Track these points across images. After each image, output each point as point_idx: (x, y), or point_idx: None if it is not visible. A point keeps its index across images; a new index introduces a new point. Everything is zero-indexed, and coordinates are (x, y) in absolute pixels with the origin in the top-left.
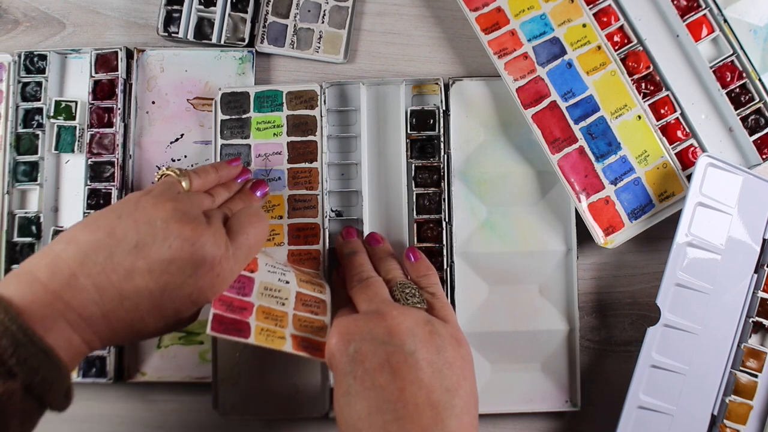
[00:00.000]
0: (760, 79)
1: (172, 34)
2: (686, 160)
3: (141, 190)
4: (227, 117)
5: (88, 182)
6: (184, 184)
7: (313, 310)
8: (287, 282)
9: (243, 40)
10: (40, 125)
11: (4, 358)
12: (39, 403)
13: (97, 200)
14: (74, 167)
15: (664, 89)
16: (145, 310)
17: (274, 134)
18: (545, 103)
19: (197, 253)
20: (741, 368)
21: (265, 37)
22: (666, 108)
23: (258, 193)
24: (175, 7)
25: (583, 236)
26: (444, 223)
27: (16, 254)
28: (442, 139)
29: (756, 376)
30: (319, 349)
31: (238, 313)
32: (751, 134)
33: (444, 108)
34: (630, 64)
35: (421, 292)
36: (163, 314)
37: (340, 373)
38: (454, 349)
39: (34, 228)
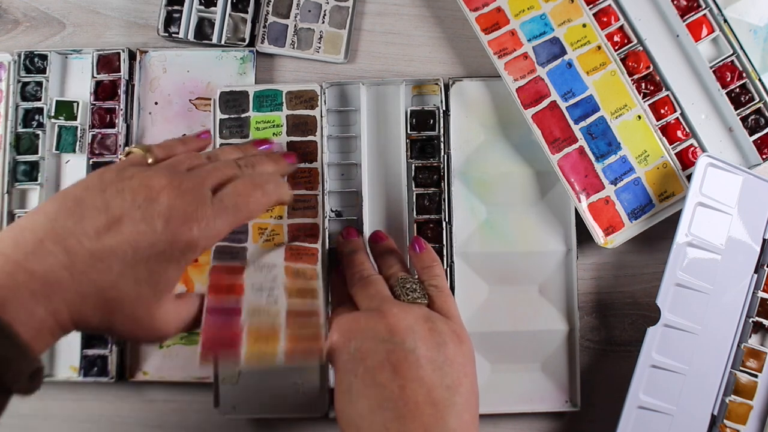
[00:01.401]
0: (760, 79)
1: (173, 35)
2: (686, 160)
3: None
4: (226, 116)
5: None
6: (149, 159)
7: (305, 320)
8: (276, 301)
9: (243, 40)
10: (41, 125)
11: None
12: None
13: None
14: (75, 167)
15: (664, 89)
16: (117, 271)
17: (274, 134)
18: (545, 103)
19: (165, 208)
20: (741, 368)
21: (265, 37)
22: (666, 108)
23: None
24: (176, 7)
25: (583, 236)
26: (444, 223)
27: None
28: (442, 139)
29: (756, 376)
30: (313, 353)
31: (228, 343)
32: (751, 134)
33: (444, 108)
34: (630, 64)
35: (424, 285)
36: (135, 276)
37: (340, 371)
38: (455, 345)
39: None
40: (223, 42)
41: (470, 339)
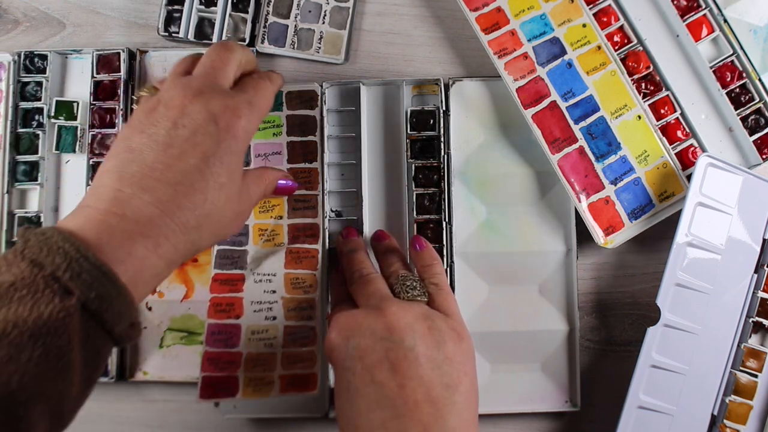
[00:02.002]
0: (760, 79)
1: (173, 34)
2: (686, 160)
3: None
4: None
5: (90, 182)
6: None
7: (302, 341)
8: (274, 318)
9: (243, 40)
10: (41, 125)
11: (58, 275)
12: (100, 325)
13: None
14: (75, 167)
15: (664, 89)
16: (200, 185)
17: (274, 134)
18: (545, 103)
19: (205, 112)
20: (741, 368)
21: (265, 37)
22: (666, 108)
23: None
24: (176, 7)
25: (583, 236)
26: (444, 223)
27: None
28: (442, 139)
29: (756, 376)
30: (308, 382)
31: (226, 369)
32: (751, 134)
33: (444, 108)
34: (630, 64)
35: (424, 283)
36: (216, 180)
37: (339, 369)
38: (454, 343)
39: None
40: None
41: (470, 337)
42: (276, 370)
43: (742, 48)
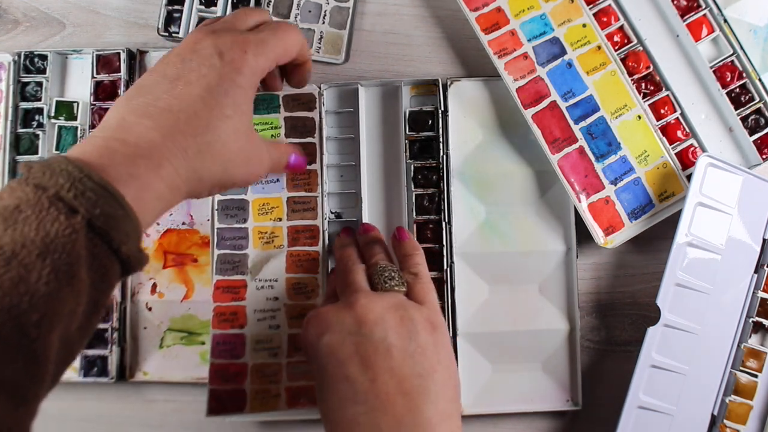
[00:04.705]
0: (760, 79)
1: (173, 34)
2: (686, 160)
3: None
4: None
5: None
6: None
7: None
8: (278, 327)
9: None
10: (41, 125)
11: (61, 194)
12: (107, 244)
13: None
14: None
15: (664, 89)
16: (203, 114)
17: (272, 136)
18: (545, 103)
19: (212, 48)
20: (741, 368)
21: None
22: (666, 108)
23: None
24: (176, 7)
25: (583, 236)
26: (444, 224)
27: None
28: (440, 139)
29: (756, 376)
30: (314, 395)
31: (234, 382)
32: (751, 134)
33: (442, 109)
34: (630, 64)
35: (403, 273)
36: (221, 111)
37: (314, 366)
38: (427, 333)
39: None
40: None
41: (445, 325)
42: (282, 381)
43: (742, 48)
